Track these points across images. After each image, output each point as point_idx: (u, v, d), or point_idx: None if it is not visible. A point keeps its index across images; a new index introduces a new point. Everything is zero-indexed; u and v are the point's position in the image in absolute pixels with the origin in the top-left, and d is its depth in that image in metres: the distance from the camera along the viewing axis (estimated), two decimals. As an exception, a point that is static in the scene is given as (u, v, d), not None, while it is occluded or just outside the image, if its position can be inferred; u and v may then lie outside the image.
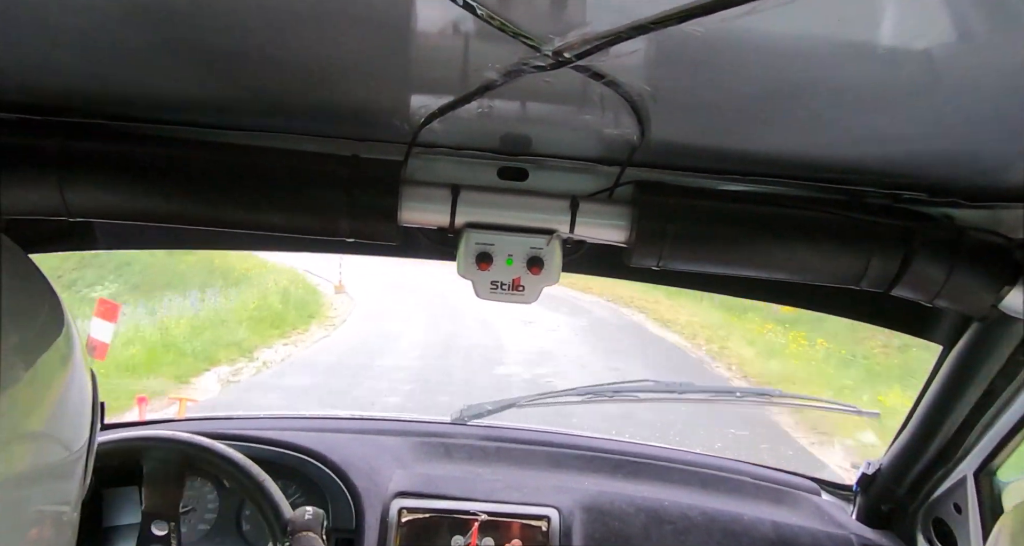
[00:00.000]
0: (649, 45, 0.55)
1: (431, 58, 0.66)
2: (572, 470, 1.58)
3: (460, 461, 1.58)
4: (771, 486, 1.60)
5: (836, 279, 0.98)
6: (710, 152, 0.93)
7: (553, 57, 0.58)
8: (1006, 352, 1.12)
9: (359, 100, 0.83)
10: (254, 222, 0.97)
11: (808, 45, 0.53)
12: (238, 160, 0.95)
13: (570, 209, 0.99)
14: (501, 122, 0.88)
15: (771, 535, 1.41)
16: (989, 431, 1.22)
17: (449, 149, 1.02)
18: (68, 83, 0.82)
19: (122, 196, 0.94)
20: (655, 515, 1.42)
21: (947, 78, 0.57)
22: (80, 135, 0.93)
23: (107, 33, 0.63)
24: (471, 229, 1.00)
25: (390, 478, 1.45)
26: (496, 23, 0.52)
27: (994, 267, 0.94)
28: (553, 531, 1.38)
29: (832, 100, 0.66)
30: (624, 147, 0.91)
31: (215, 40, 0.64)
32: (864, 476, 1.50)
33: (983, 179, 0.90)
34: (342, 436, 1.57)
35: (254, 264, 13.74)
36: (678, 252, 0.97)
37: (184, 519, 1.41)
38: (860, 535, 1.44)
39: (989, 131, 0.70)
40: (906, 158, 0.85)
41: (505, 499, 1.42)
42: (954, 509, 1.32)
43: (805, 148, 0.86)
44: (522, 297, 1.03)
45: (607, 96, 0.69)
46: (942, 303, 0.96)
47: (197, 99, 0.88)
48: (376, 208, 0.96)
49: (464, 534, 1.37)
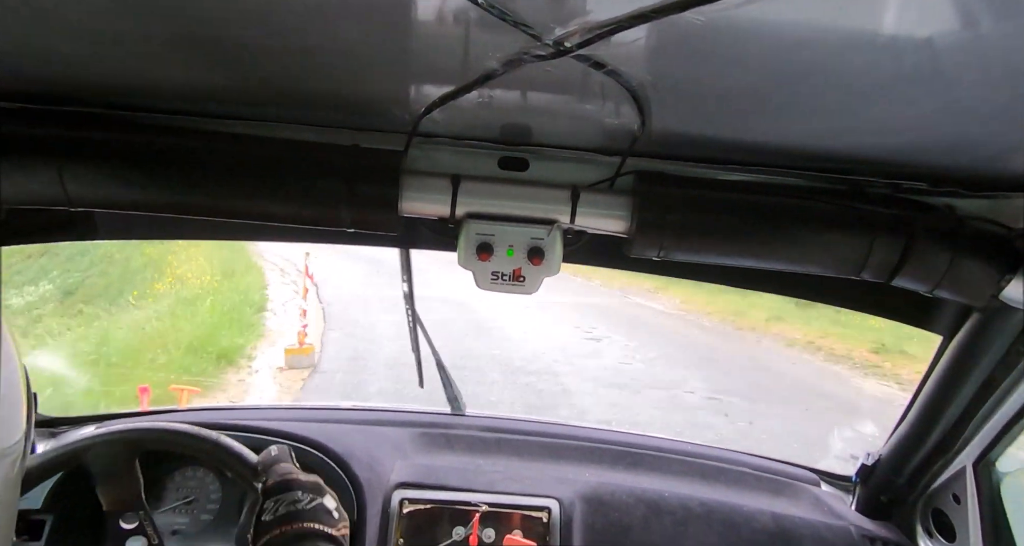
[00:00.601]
0: (650, 34, 0.55)
1: (432, 47, 0.66)
2: (572, 461, 1.58)
3: (461, 452, 1.59)
4: (771, 477, 1.61)
5: (837, 269, 0.98)
6: (711, 142, 0.93)
7: (554, 46, 0.58)
8: (1006, 342, 1.12)
9: (359, 89, 0.83)
10: (254, 212, 0.97)
11: (809, 34, 0.53)
12: (238, 150, 0.95)
13: (571, 199, 0.99)
14: (502, 112, 0.88)
15: (771, 526, 1.41)
16: (988, 421, 1.22)
17: (449, 139, 1.02)
18: (70, 73, 0.82)
19: (123, 186, 0.94)
20: (655, 506, 1.42)
21: (948, 67, 0.57)
22: (81, 124, 0.93)
23: (108, 22, 0.63)
24: (472, 219, 1.00)
25: (391, 469, 1.46)
26: (496, 12, 0.52)
27: (994, 257, 0.94)
28: (554, 522, 1.38)
29: (833, 89, 0.66)
30: (625, 137, 0.91)
31: (215, 29, 0.64)
32: (864, 467, 1.51)
33: (984, 168, 0.89)
34: (344, 427, 1.58)
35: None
36: (679, 242, 0.97)
37: (186, 510, 1.42)
38: (859, 526, 1.45)
39: (990, 120, 0.70)
40: (907, 147, 0.85)
41: (506, 490, 1.43)
42: (953, 499, 1.33)
43: (806, 137, 0.86)
44: (523, 288, 1.03)
45: (608, 85, 0.69)
46: (943, 293, 0.96)
47: (198, 89, 0.88)
48: (376, 198, 0.96)
49: (465, 525, 1.38)
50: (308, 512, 0.95)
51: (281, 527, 0.92)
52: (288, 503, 0.95)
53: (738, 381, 7.13)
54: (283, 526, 0.92)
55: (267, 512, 0.95)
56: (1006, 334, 1.12)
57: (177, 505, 1.42)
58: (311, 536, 0.93)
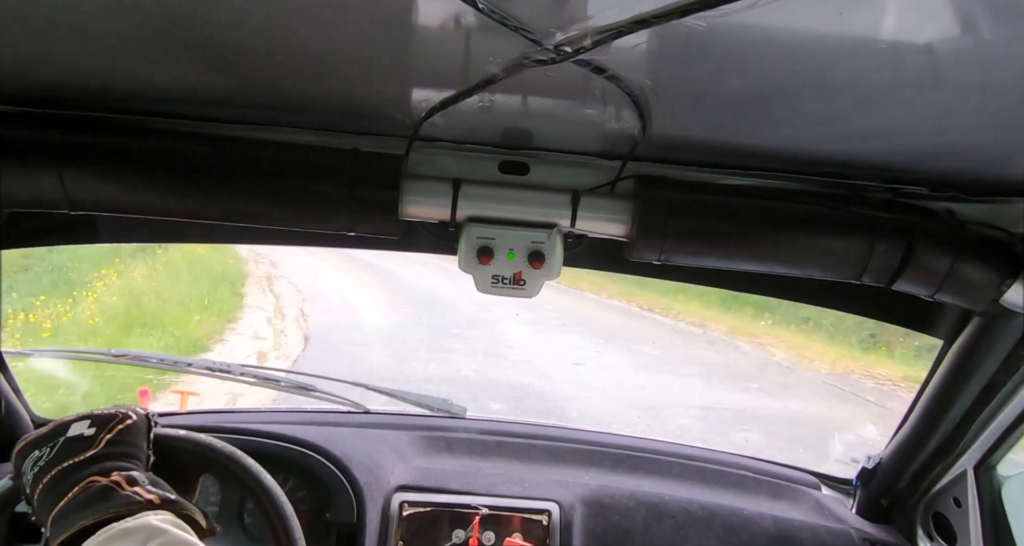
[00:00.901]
0: (651, 39, 0.55)
1: (432, 52, 0.66)
2: (573, 464, 1.58)
3: (461, 455, 1.59)
4: (771, 480, 1.60)
5: (837, 273, 0.98)
6: (711, 146, 0.93)
7: (555, 51, 0.58)
8: (1007, 347, 1.12)
9: (360, 94, 0.83)
10: (255, 215, 0.97)
11: (809, 40, 0.53)
12: (239, 153, 0.95)
13: (571, 203, 0.99)
14: (502, 116, 0.88)
15: (771, 529, 1.41)
16: (989, 425, 1.22)
17: (450, 143, 1.02)
18: (71, 77, 0.82)
19: (123, 189, 0.94)
20: (655, 509, 1.42)
21: (948, 73, 0.57)
22: (82, 128, 0.93)
23: (109, 27, 0.63)
24: (472, 223, 1.00)
25: (391, 472, 1.46)
26: (497, 17, 0.52)
27: (995, 261, 0.94)
28: (554, 525, 1.38)
29: (833, 95, 0.66)
30: (625, 141, 0.91)
31: (215, 34, 0.64)
32: (864, 470, 1.51)
33: (984, 173, 0.89)
34: (343, 430, 1.58)
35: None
36: (679, 246, 0.97)
37: None
38: (860, 529, 1.45)
39: (990, 125, 0.70)
40: (907, 152, 0.85)
41: (506, 493, 1.43)
42: (954, 503, 1.33)
43: (806, 142, 0.86)
44: (523, 291, 1.03)
45: (608, 90, 0.69)
46: (943, 297, 0.96)
47: (198, 93, 0.88)
48: (377, 202, 0.96)
49: (465, 528, 1.37)
50: (52, 460, 0.83)
51: (36, 489, 0.82)
52: (31, 466, 0.84)
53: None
54: (36, 487, 0.82)
55: (26, 487, 0.84)
56: (1007, 338, 1.12)
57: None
58: (64, 476, 0.81)
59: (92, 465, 0.83)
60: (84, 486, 0.80)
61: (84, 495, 0.79)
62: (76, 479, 0.81)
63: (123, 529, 0.73)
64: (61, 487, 0.81)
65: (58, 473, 0.82)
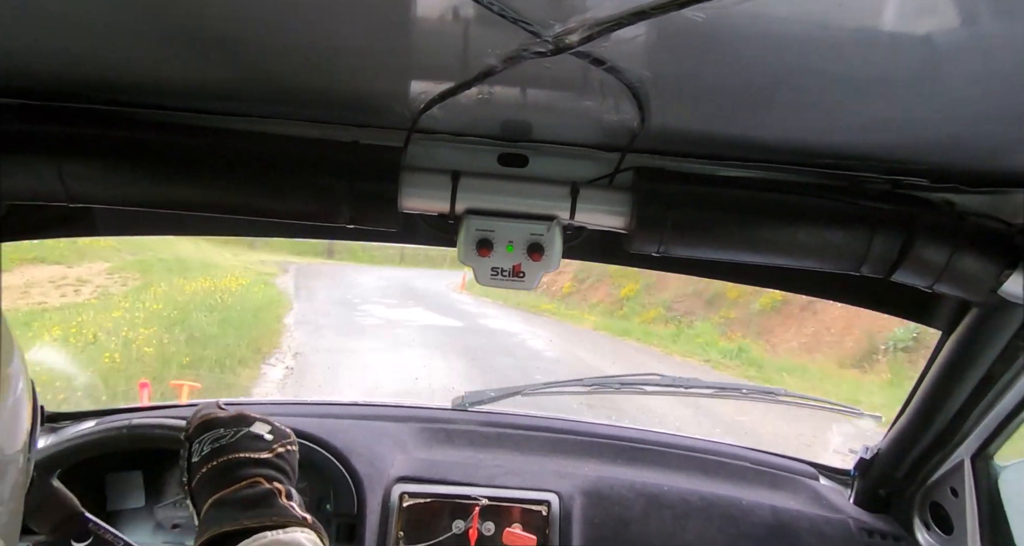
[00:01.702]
0: (650, 31, 0.55)
1: (431, 44, 0.66)
2: (572, 455, 1.59)
3: (461, 447, 1.59)
4: (770, 471, 1.61)
5: (836, 265, 0.98)
6: (711, 138, 0.93)
7: (553, 43, 0.58)
8: (1005, 337, 1.13)
9: (359, 86, 0.83)
10: (254, 208, 0.97)
11: (808, 31, 0.53)
12: (238, 146, 0.95)
13: (570, 195, 0.99)
14: (501, 108, 0.88)
15: (770, 519, 1.42)
16: (987, 416, 1.23)
17: (449, 135, 1.02)
18: (70, 69, 0.82)
19: (122, 182, 0.94)
20: (655, 500, 1.43)
21: (947, 64, 0.57)
22: (81, 121, 0.93)
23: (108, 18, 0.63)
24: (471, 215, 1.00)
25: (391, 463, 1.46)
26: (496, 9, 0.52)
27: (994, 252, 0.94)
28: (553, 516, 1.39)
29: (832, 86, 0.66)
30: (624, 133, 0.91)
31: (214, 26, 0.64)
32: (862, 461, 1.52)
33: (983, 164, 0.89)
34: (344, 421, 1.58)
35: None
36: (678, 238, 0.97)
37: (186, 504, 1.43)
38: (858, 519, 1.46)
39: (989, 116, 0.70)
40: (906, 143, 0.85)
41: (506, 484, 1.43)
42: (951, 493, 1.33)
43: (805, 134, 0.86)
44: (522, 283, 1.03)
45: (607, 82, 0.69)
46: (942, 288, 0.97)
47: (197, 85, 0.87)
48: (376, 194, 0.96)
49: (465, 519, 1.38)
50: (231, 445, 0.90)
51: (207, 464, 0.88)
52: (211, 441, 0.91)
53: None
54: (208, 463, 0.88)
55: (194, 454, 0.91)
56: (1005, 329, 1.12)
57: (178, 499, 1.42)
58: (237, 465, 0.87)
59: (263, 467, 0.89)
60: (251, 482, 0.86)
61: (249, 492, 0.84)
62: (246, 473, 0.87)
63: (277, 540, 0.77)
64: (232, 474, 0.87)
65: (234, 460, 0.89)
